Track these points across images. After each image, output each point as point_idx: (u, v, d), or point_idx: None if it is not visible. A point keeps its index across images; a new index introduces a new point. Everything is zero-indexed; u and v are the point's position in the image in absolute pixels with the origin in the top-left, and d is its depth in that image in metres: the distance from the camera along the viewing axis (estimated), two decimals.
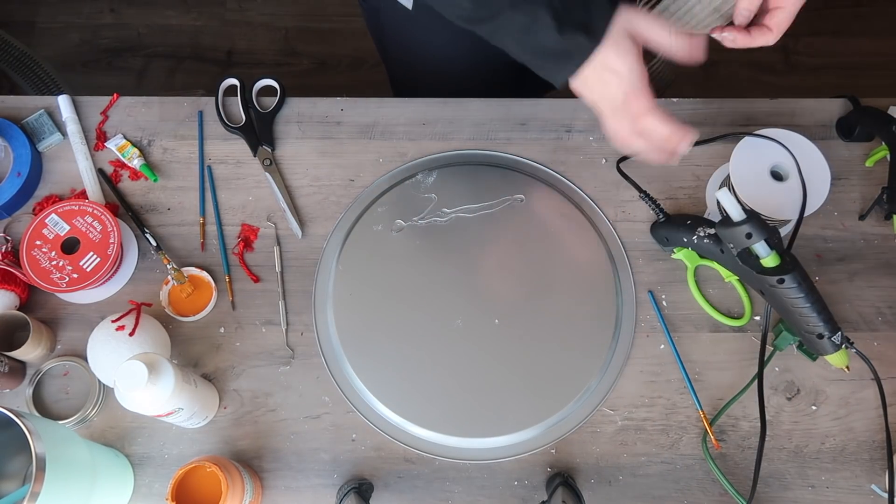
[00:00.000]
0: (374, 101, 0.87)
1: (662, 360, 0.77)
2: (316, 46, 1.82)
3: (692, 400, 0.76)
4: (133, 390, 0.61)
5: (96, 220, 0.77)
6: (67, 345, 0.78)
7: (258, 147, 0.85)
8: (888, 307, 0.79)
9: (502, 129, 0.86)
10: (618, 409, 0.76)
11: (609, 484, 0.74)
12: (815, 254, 0.81)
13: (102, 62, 1.82)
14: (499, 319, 0.78)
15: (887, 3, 1.85)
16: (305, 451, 0.75)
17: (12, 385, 0.75)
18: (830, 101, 0.87)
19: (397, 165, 0.84)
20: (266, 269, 0.81)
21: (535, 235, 0.81)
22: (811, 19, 1.84)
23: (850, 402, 0.76)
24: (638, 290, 0.80)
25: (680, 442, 0.75)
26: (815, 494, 0.74)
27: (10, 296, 0.76)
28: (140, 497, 0.73)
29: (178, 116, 0.86)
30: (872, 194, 0.82)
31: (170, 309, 0.78)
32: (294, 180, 0.84)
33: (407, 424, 0.75)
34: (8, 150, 0.82)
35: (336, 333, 0.78)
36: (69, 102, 0.86)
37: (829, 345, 0.70)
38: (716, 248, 0.74)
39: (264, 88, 0.88)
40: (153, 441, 0.75)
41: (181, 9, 1.87)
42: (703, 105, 0.87)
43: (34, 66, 1.66)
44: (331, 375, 0.77)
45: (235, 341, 0.78)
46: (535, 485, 0.74)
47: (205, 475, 0.66)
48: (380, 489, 0.73)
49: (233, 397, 0.76)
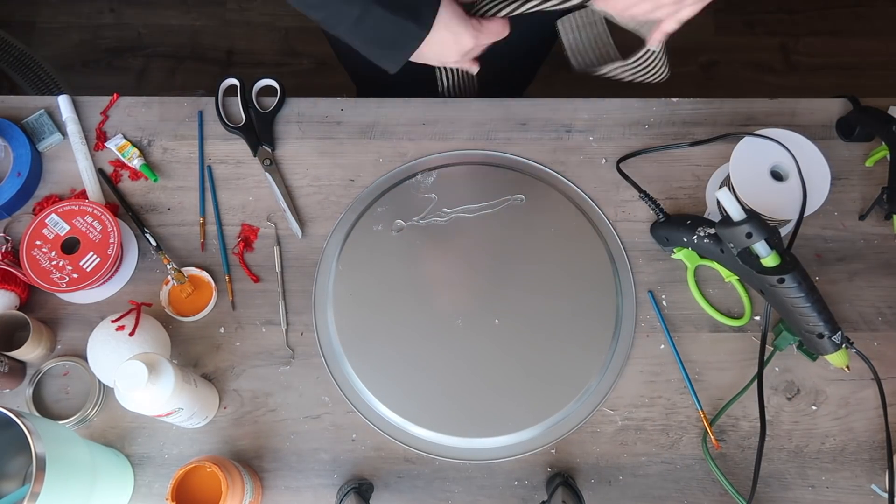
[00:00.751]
0: (374, 101, 0.87)
1: (662, 360, 0.77)
2: (316, 46, 1.82)
3: (692, 400, 0.76)
4: (133, 390, 0.61)
5: (96, 220, 0.77)
6: (67, 345, 0.78)
7: (258, 147, 0.85)
8: (888, 307, 0.79)
9: (502, 129, 0.86)
10: (618, 409, 0.76)
11: (609, 484, 0.74)
12: (815, 254, 0.81)
13: (102, 62, 1.82)
14: (499, 319, 0.78)
15: (887, 3, 1.85)
16: (305, 451, 0.75)
17: (12, 385, 0.75)
18: (830, 101, 0.87)
19: (397, 165, 0.84)
20: (266, 269, 0.81)
21: (535, 235, 0.81)
22: (811, 19, 1.84)
23: (850, 402, 0.76)
24: (638, 290, 0.80)
25: (680, 442, 0.75)
26: (815, 494, 0.74)
27: (10, 296, 0.76)
28: (140, 497, 0.73)
29: (178, 116, 0.86)
30: (872, 194, 0.82)
31: (170, 309, 0.78)
32: (294, 180, 0.84)
33: (407, 424, 0.75)
34: (8, 150, 0.82)
35: (336, 333, 0.78)
36: (69, 102, 0.86)
37: (830, 344, 0.70)
38: (716, 247, 0.74)
39: (264, 88, 0.88)
40: (153, 441, 0.75)
41: (181, 9, 1.86)
42: (703, 105, 0.87)
43: (34, 66, 1.67)
44: (331, 375, 0.77)
45: (235, 341, 0.78)
46: (535, 485, 0.74)
47: (205, 475, 0.66)
48: (380, 489, 0.73)
49: (233, 397, 0.76)
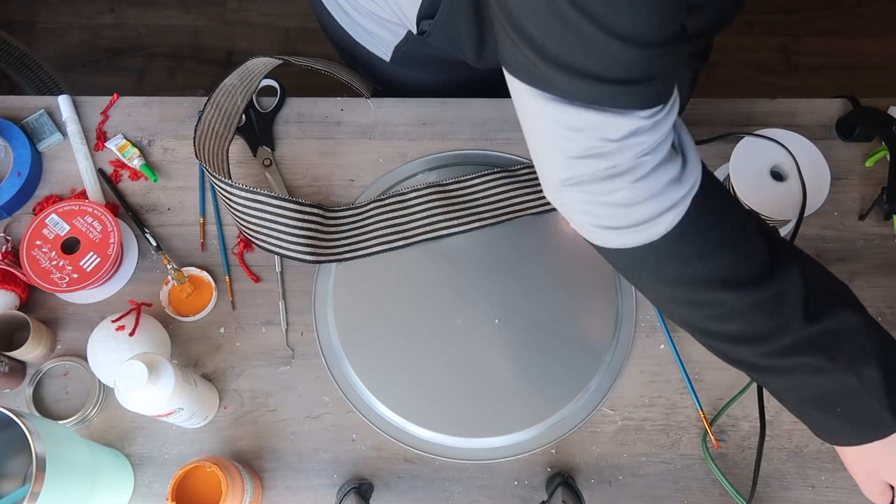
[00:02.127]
0: (374, 101, 0.87)
1: (662, 360, 0.77)
2: (316, 46, 1.82)
3: (692, 400, 0.76)
4: (133, 390, 0.61)
5: (96, 220, 0.77)
6: (67, 345, 0.78)
7: (258, 147, 0.85)
8: (888, 307, 0.79)
9: (502, 129, 0.86)
10: (618, 409, 0.76)
11: (609, 484, 0.74)
12: (815, 254, 0.81)
13: (102, 62, 1.82)
14: (499, 319, 0.78)
15: (887, 3, 1.85)
16: (305, 451, 0.75)
17: (12, 385, 0.75)
18: (830, 101, 0.87)
19: (397, 165, 0.84)
20: (266, 269, 0.81)
21: (535, 236, 0.81)
22: (811, 19, 1.84)
23: None
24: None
25: (680, 442, 0.75)
26: (815, 494, 0.74)
27: (10, 296, 0.76)
28: (140, 497, 0.73)
29: (178, 116, 0.86)
30: (872, 194, 0.82)
31: (170, 309, 0.78)
32: (294, 180, 0.84)
33: (407, 424, 0.75)
34: (8, 150, 0.82)
35: (336, 333, 0.78)
36: (69, 102, 0.86)
37: None
38: None
39: (264, 88, 0.88)
40: (153, 441, 0.75)
41: (181, 9, 1.86)
42: (703, 105, 0.87)
43: (34, 66, 1.66)
44: (331, 375, 0.77)
45: (235, 341, 0.78)
46: (535, 485, 0.74)
47: (205, 475, 0.66)
48: (380, 489, 0.73)
49: (233, 397, 0.76)
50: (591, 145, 0.48)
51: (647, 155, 0.49)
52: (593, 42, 0.44)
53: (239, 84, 0.83)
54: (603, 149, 0.48)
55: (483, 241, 0.81)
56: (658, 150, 0.49)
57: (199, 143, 0.77)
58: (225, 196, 0.76)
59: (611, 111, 0.47)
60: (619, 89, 0.46)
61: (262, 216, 0.76)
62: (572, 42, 0.44)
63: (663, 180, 0.50)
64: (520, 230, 0.81)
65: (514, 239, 0.81)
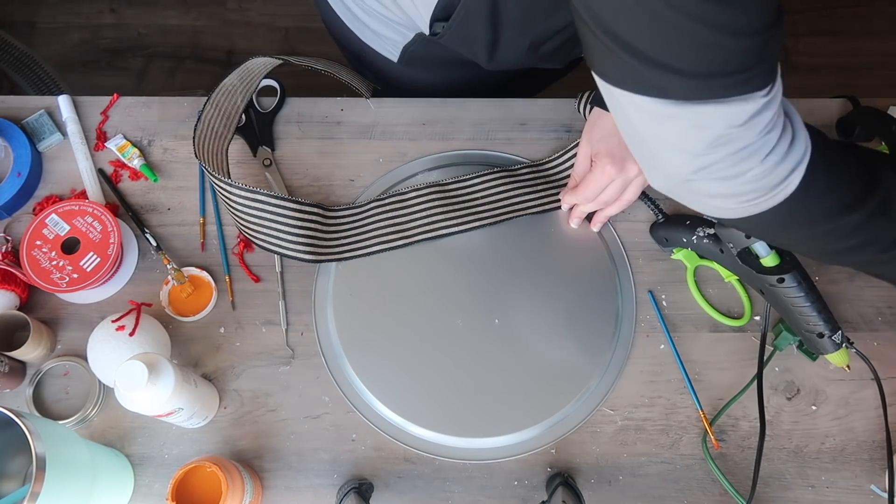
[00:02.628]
0: (374, 101, 0.87)
1: (662, 360, 0.77)
2: (316, 46, 1.82)
3: (692, 400, 0.76)
4: (133, 390, 0.61)
5: (96, 220, 0.77)
6: (67, 345, 0.78)
7: (258, 147, 0.85)
8: (888, 307, 0.79)
9: (502, 129, 0.86)
10: (618, 409, 0.76)
11: (609, 484, 0.74)
12: None
13: (102, 62, 1.82)
14: (499, 319, 0.78)
15: (887, 3, 1.85)
16: (305, 451, 0.75)
17: (12, 385, 0.75)
18: (830, 101, 0.87)
19: (397, 165, 0.84)
20: (266, 269, 0.81)
21: (535, 235, 0.81)
22: (811, 19, 1.84)
23: (850, 402, 0.76)
24: (638, 290, 0.80)
25: (680, 442, 0.75)
26: (815, 494, 0.74)
27: (10, 296, 0.76)
28: (140, 497, 0.73)
29: (178, 116, 0.86)
30: None
31: (170, 309, 0.78)
32: (294, 180, 0.84)
33: (407, 424, 0.75)
34: (8, 150, 0.82)
35: (336, 333, 0.78)
36: (69, 102, 0.86)
37: (830, 344, 0.70)
38: (715, 247, 0.74)
39: (264, 88, 0.88)
40: (153, 441, 0.75)
41: (181, 9, 1.86)
42: None
43: (34, 66, 1.66)
44: (331, 375, 0.77)
45: (235, 341, 0.78)
46: (535, 485, 0.74)
47: (205, 475, 0.66)
48: (380, 489, 0.73)
49: (233, 397, 0.76)
50: (720, 134, 0.50)
51: (769, 131, 0.51)
52: (708, 43, 0.46)
53: (239, 84, 0.83)
54: (730, 135, 0.50)
55: (483, 241, 0.81)
56: (777, 122, 0.52)
57: (199, 142, 0.77)
58: (225, 196, 0.76)
59: (734, 100, 0.49)
60: (739, 78, 0.48)
61: (261, 216, 0.76)
62: (688, 48, 0.46)
63: (784, 146, 0.53)
64: (520, 230, 0.81)
65: (514, 239, 0.81)
